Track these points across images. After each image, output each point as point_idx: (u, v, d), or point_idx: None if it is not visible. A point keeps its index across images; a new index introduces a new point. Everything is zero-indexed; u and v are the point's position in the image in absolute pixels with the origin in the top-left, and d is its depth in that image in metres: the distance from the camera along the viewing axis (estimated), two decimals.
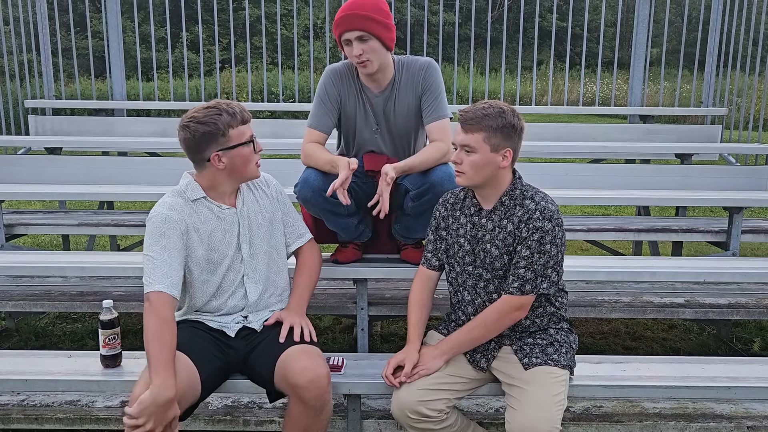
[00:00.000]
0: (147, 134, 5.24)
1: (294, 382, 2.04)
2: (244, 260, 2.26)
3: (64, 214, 4.25)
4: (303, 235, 2.47)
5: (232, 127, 2.10)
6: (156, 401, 1.85)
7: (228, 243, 2.24)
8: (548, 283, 2.11)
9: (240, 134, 2.12)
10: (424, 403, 2.11)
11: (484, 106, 2.07)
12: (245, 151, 2.15)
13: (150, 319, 1.99)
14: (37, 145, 4.87)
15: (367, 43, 2.47)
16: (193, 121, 2.08)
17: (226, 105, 2.12)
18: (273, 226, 2.35)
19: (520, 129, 2.09)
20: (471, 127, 2.06)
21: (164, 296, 2.04)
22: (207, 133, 2.08)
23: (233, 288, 2.27)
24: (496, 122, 2.04)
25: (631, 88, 5.74)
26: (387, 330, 3.92)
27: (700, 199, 3.81)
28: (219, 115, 2.08)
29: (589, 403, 2.67)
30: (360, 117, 2.69)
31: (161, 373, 1.90)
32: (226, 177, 2.18)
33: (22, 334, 3.76)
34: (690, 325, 4.02)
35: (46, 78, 5.73)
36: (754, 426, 2.53)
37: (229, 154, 2.12)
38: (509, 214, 2.13)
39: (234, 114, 2.10)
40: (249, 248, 2.27)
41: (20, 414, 2.55)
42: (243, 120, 2.13)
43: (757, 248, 5.91)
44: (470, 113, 2.06)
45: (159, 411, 1.85)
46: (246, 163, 2.17)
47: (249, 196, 2.31)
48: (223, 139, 2.10)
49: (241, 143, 2.13)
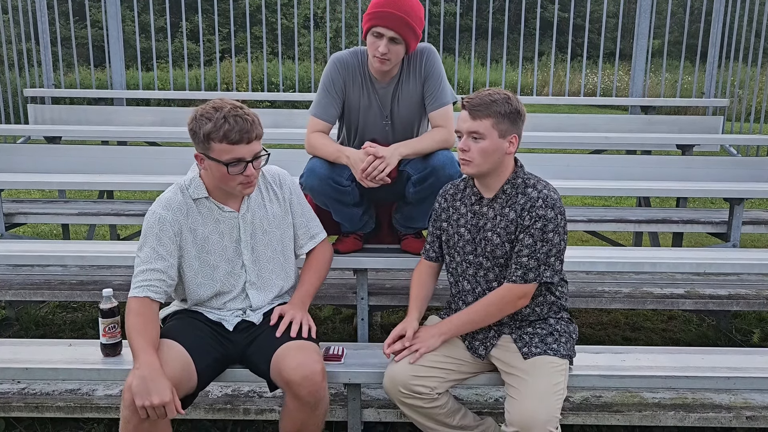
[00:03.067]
0: (147, 124, 5.23)
1: (288, 378, 2.03)
2: (246, 267, 2.23)
3: (63, 203, 4.25)
4: (316, 235, 2.40)
5: (212, 140, 1.97)
6: (139, 379, 1.86)
7: (225, 247, 2.19)
8: (551, 271, 2.11)
9: (221, 151, 1.98)
10: (417, 379, 2.12)
11: (490, 93, 2.07)
12: (221, 169, 2.01)
13: (128, 317, 2.03)
14: (37, 134, 4.86)
15: (396, 45, 2.45)
16: (196, 112, 2.02)
17: (229, 115, 1.97)
18: (282, 232, 2.29)
19: (523, 115, 2.11)
20: (479, 113, 2.05)
21: (145, 301, 2.05)
22: (192, 130, 2.02)
23: (234, 293, 2.24)
24: (503, 108, 2.05)
25: (633, 79, 5.72)
26: (387, 320, 3.92)
27: (701, 190, 3.80)
28: (208, 120, 1.97)
29: (589, 393, 2.67)
30: (364, 107, 2.67)
31: (140, 356, 1.92)
32: (214, 180, 2.10)
33: (23, 324, 3.76)
34: (689, 316, 4.02)
35: (45, 67, 5.71)
36: (753, 416, 2.53)
37: (208, 162, 2.04)
38: (511, 203, 2.13)
39: (220, 129, 1.95)
40: (251, 255, 2.23)
41: (21, 402, 2.55)
42: (230, 140, 1.96)
43: (757, 240, 5.91)
44: (477, 99, 2.06)
45: (144, 388, 1.84)
46: (223, 180, 2.06)
47: (257, 200, 2.23)
48: (203, 145, 2.01)
49: (218, 160, 2.00)
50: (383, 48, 2.43)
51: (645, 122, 5.30)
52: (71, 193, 5.82)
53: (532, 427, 1.94)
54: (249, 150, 2.01)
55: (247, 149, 2.01)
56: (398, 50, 2.47)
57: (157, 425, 1.93)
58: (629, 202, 6.71)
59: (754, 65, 5.64)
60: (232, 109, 1.99)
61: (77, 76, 6.24)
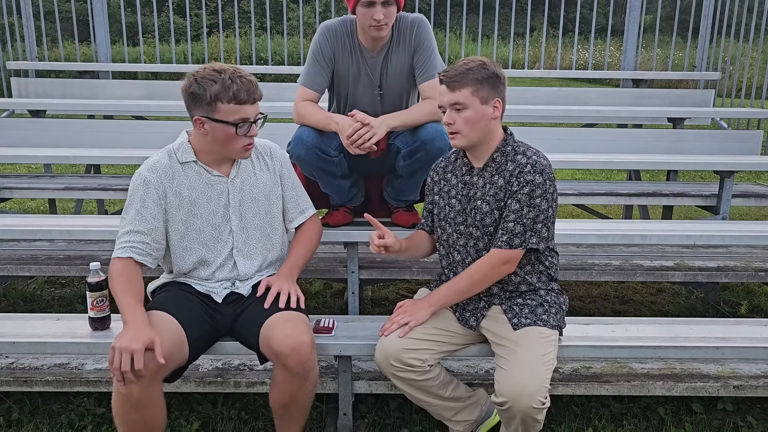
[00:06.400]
0: (133, 97, 5.14)
1: (277, 349, 2.02)
2: (234, 233, 2.22)
3: (49, 178, 4.19)
4: (306, 210, 2.41)
5: (220, 101, 1.99)
6: (122, 331, 1.85)
7: (212, 212, 2.18)
8: (538, 238, 2.10)
9: (228, 111, 2.01)
10: (408, 352, 2.12)
11: (465, 62, 2.05)
12: (228, 131, 2.04)
13: (111, 278, 2.04)
14: (21, 107, 4.77)
15: (389, 7, 2.43)
16: (194, 76, 2.02)
17: (233, 76, 1.99)
18: (270, 202, 2.28)
19: (503, 78, 2.08)
20: (457, 83, 2.03)
21: (128, 262, 2.05)
22: (195, 93, 2.02)
23: (221, 260, 2.22)
24: (480, 74, 2.02)
25: (625, 53, 5.69)
26: (378, 294, 3.92)
27: (691, 163, 3.81)
28: (214, 82, 1.98)
29: (579, 364, 2.69)
30: (353, 76, 2.64)
31: (126, 312, 1.92)
32: (212, 145, 2.11)
33: (10, 299, 3.73)
34: (678, 289, 4.05)
35: (29, 41, 5.58)
36: (740, 385, 2.56)
37: (212, 125, 2.04)
38: (501, 170, 2.11)
39: (228, 88, 1.97)
40: (239, 221, 2.22)
41: (9, 377, 2.54)
42: (238, 99, 1.99)
43: (746, 213, 5.95)
44: (453, 71, 2.04)
45: (122, 336, 1.84)
46: (226, 142, 2.07)
47: (246, 168, 2.23)
48: (209, 107, 2.01)
49: (225, 121, 2.03)
50: (379, 14, 2.40)
51: (636, 96, 5.29)
52: (57, 167, 5.74)
53: (522, 397, 1.94)
54: (253, 110, 2.07)
55: (251, 109, 2.06)
56: (392, 11, 2.45)
57: (150, 396, 1.91)
58: (620, 177, 6.72)
59: (746, 41, 5.61)
60: (234, 71, 2.02)
61: (61, 51, 6.12)
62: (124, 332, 1.86)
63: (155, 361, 1.84)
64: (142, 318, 1.91)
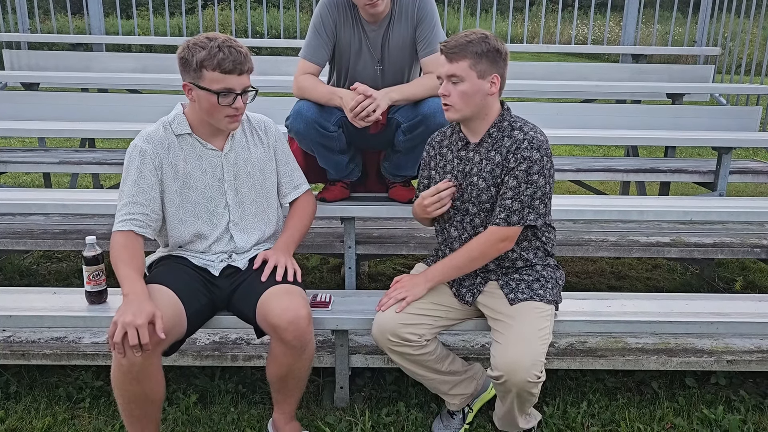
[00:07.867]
0: (128, 70, 5.09)
1: (274, 322, 2.02)
2: (230, 207, 2.22)
3: (44, 152, 4.15)
4: (300, 186, 2.40)
5: (205, 68, 1.98)
6: (123, 305, 1.85)
7: (207, 185, 2.18)
8: (535, 214, 2.09)
9: (213, 80, 1.99)
10: (405, 326, 2.13)
11: (466, 34, 2.02)
12: (211, 99, 2.02)
13: (112, 250, 2.03)
14: (13, 80, 4.71)
15: None
16: (188, 42, 2.02)
17: (223, 45, 1.98)
18: (264, 177, 2.28)
19: (505, 54, 2.05)
20: (455, 55, 2.00)
21: (130, 234, 2.05)
22: (184, 59, 2.02)
23: (218, 233, 2.22)
24: (480, 48, 1.99)
25: (625, 27, 5.63)
26: (375, 270, 3.93)
27: (689, 139, 3.79)
28: (202, 49, 1.98)
29: (574, 339, 2.71)
30: (355, 50, 2.60)
31: (126, 284, 1.91)
32: (201, 113, 2.10)
33: (6, 273, 3.73)
34: (674, 265, 4.07)
35: (20, 12, 5.50)
36: (734, 360, 2.58)
37: (197, 92, 2.04)
38: (497, 146, 2.10)
39: (214, 56, 1.96)
40: (235, 196, 2.22)
41: (6, 350, 2.54)
42: (223, 68, 1.98)
43: (743, 190, 5.96)
44: (452, 42, 2.01)
45: (124, 309, 1.83)
46: (211, 111, 2.06)
47: (240, 142, 2.23)
48: (195, 74, 2.01)
49: (209, 89, 2.01)
50: None
51: (635, 71, 5.24)
52: (51, 141, 5.70)
53: (517, 371, 1.96)
54: (239, 82, 2.03)
55: (237, 81, 2.02)
56: None
57: (149, 368, 1.91)
58: (618, 153, 6.71)
59: (747, 17, 5.55)
60: (226, 40, 2.01)
61: (54, 23, 6.03)
62: (125, 306, 1.85)
63: (155, 335, 1.84)
64: (143, 291, 1.91)
